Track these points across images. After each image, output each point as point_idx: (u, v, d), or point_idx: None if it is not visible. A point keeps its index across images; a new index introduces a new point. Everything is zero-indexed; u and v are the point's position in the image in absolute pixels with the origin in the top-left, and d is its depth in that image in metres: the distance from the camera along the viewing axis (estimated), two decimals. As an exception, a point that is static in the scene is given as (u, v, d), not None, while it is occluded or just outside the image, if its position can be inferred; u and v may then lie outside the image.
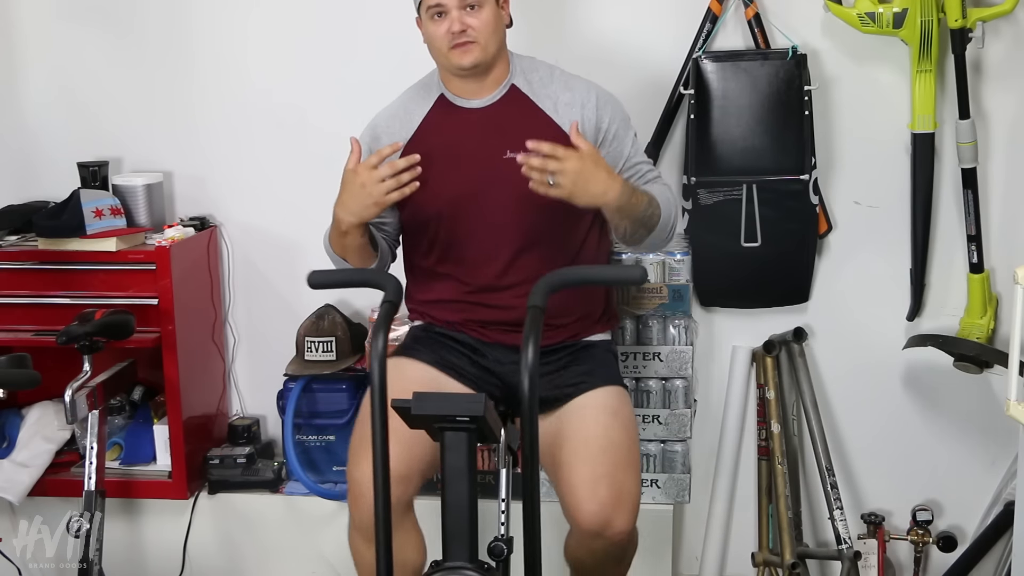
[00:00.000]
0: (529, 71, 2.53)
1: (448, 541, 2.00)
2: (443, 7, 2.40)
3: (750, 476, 3.22)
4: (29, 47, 3.34)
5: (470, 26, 2.40)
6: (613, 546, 2.37)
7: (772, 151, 3.00)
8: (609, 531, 2.32)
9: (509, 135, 2.44)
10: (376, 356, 2.00)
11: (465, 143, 2.49)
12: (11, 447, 3.20)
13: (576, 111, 2.48)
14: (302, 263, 3.22)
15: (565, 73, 2.55)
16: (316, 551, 3.18)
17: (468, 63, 2.43)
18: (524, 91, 2.51)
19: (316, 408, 3.17)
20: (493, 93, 2.50)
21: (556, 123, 2.47)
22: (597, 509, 2.30)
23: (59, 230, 3.06)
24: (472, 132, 2.50)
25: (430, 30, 2.44)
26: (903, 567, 3.20)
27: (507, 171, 2.39)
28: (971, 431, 3.15)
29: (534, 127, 2.44)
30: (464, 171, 2.47)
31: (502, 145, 2.45)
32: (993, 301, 3.04)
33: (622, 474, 2.35)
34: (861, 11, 2.88)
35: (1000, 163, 3.03)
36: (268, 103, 3.27)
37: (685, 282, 3.05)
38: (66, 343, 2.74)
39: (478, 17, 2.40)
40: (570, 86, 2.51)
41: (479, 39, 2.41)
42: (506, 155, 2.43)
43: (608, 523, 2.31)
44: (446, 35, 2.41)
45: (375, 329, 2.07)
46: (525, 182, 2.34)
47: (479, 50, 2.42)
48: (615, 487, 2.32)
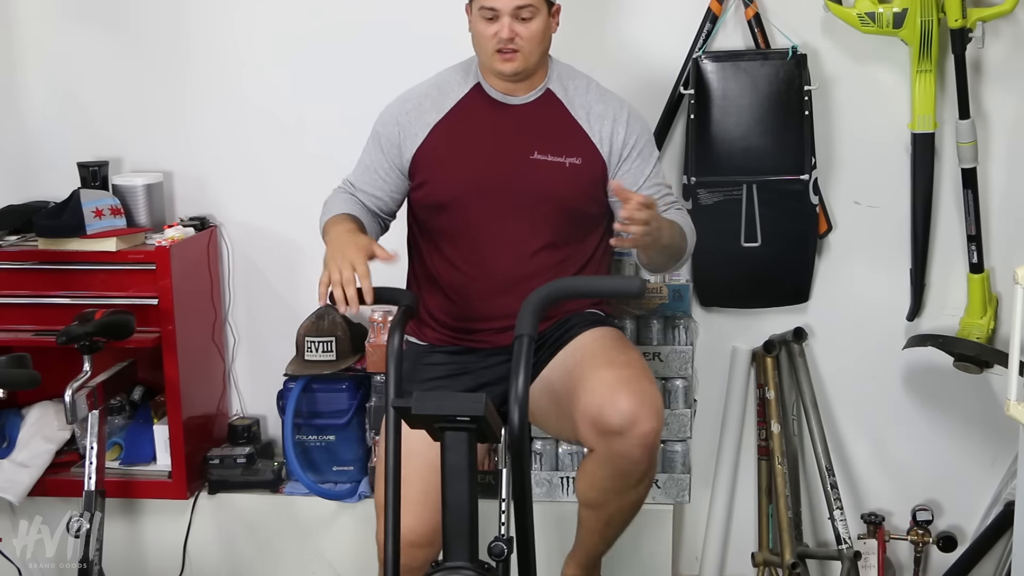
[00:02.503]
0: (566, 78, 2.55)
1: (448, 541, 2.00)
2: (497, 12, 2.40)
3: (750, 476, 3.22)
4: (29, 47, 3.33)
5: (519, 35, 2.41)
6: (638, 449, 2.28)
7: (772, 151, 3.00)
8: (636, 429, 2.25)
9: (539, 137, 2.48)
10: (392, 355, 2.02)
11: (494, 136, 2.50)
12: (11, 447, 3.20)
13: (608, 124, 2.50)
14: (302, 263, 3.23)
15: (601, 87, 2.57)
16: (316, 551, 3.18)
17: (509, 71, 2.44)
18: (559, 96, 2.52)
19: (316, 408, 3.16)
20: (529, 94, 2.52)
21: (585, 132, 2.50)
22: (624, 407, 2.25)
23: (59, 230, 3.05)
24: (503, 127, 2.51)
25: (479, 28, 2.44)
26: (903, 567, 3.20)
27: (532, 171, 2.45)
28: (971, 431, 3.15)
29: (564, 133, 2.48)
30: (490, 162, 2.49)
31: (531, 145, 2.48)
32: (993, 301, 3.04)
33: (640, 379, 2.32)
34: (861, 11, 2.88)
35: (1000, 163, 3.03)
36: (268, 103, 3.27)
37: (685, 282, 3.05)
38: (66, 343, 2.74)
39: (528, 27, 2.41)
40: (604, 99, 2.53)
41: (524, 49, 2.42)
42: (533, 155, 2.47)
43: (635, 420, 2.25)
44: (493, 38, 2.41)
45: (391, 330, 2.11)
46: (548, 185, 2.42)
47: (522, 60, 2.43)
48: (637, 388, 2.28)
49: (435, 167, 2.52)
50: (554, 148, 2.48)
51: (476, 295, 2.54)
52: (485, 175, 2.48)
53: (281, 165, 3.29)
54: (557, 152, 2.48)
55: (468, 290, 2.54)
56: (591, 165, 2.49)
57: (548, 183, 2.46)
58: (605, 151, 2.50)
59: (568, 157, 2.48)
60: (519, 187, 2.47)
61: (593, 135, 2.49)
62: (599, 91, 2.55)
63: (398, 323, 2.15)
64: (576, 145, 2.47)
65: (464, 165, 2.49)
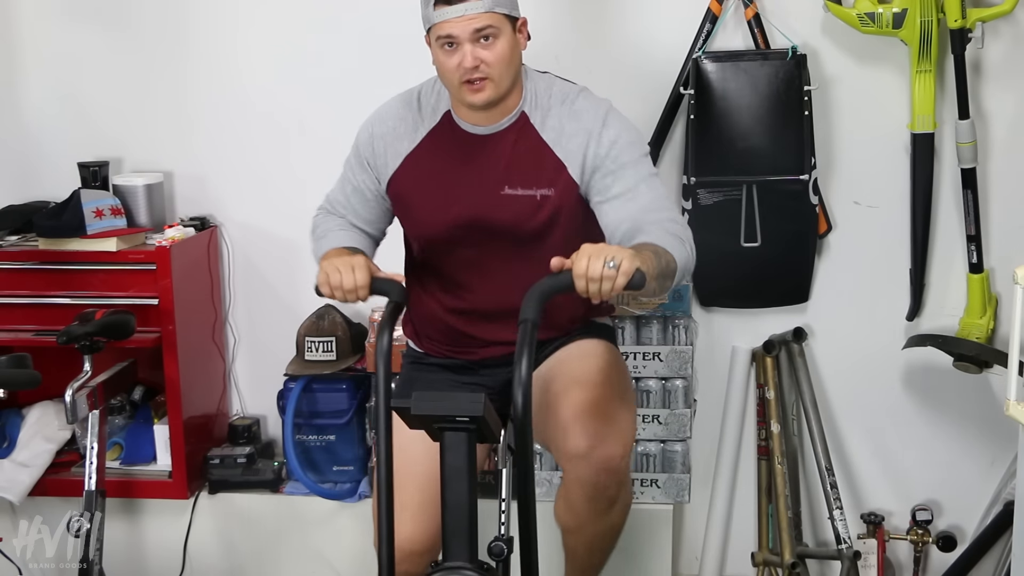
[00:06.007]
0: (543, 95, 2.36)
1: (448, 541, 2.00)
2: (454, 39, 2.21)
3: (750, 476, 3.22)
4: (29, 47, 3.34)
5: (483, 60, 2.22)
6: (603, 474, 2.24)
7: (772, 151, 3.00)
8: (597, 453, 2.22)
9: (509, 169, 2.34)
10: (382, 354, 2.01)
11: (465, 170, 2.37)
12: (11, 447, 3.20)
13: (580, 140, 2.31)
14: (302, 263, 3.22)
15: (578, 100, 2.36)
16: (316, 551, 3.18)
17: (481, 101, 2.26)
18: (533, 122, 2.34)
19: (316, 408, 3.17)
20: (502, 121, 2.34)
21: (559, 158, 2.32)
22: (582, 431, 2.22)
23: (59, 230, 3.06)
24: (474, 159, 2.37)
25: (440, 60, 2.26)
26: (903, 567, 3.20)
27: (503, 207, 2.34)
28: (971, 431, 3.15)
29: (536, 162, 2.33)
30: (461, 199, 2.37)
31: (501, 180, 2.34)
32: (993, 301, 3.04)
33: (609, 404, 2.29)
34: (861, 11, 2.88)
35: (1000, 163, 3.03)
36: (268, 103, 3.27)
37: (685, 282, 3.05)
38: (66, 343, 2.74)
39: (493, 51, 2.22)
40: (577, 116, 2.33)
41: (492, 74, 2.23)
42: (503, 191, 2.34)
43: (597, 444, 2.22)
44: (457, 70, 2.23)
45: (380, 327, 2.08)
46: (521, 219, 2.32)
47: (492, 88, 2.25)
48: (603, 412, 2.25)
49: (408, 201, 2.43)
50: (525, 180, 2.32)
51: (462, 321, 2.48)
52: (458, 212, 2.37)
53: (281, 165, 3.29)
54: (527, 184, 2.32)
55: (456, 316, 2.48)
56: (563, 192, 2.33)
57: (519, 218, 2.33)
58: (577, 173, 2.31)
59: (539, 189, 2.32)
60: (492, 223, 2.36)
61: (567, 159, 2.31)
62: (572, 110, 2.33)
63: (386, 321, 2.09)
64: (548, 175, 2.31)
65: (435, 204, 2.38)
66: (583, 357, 2.42)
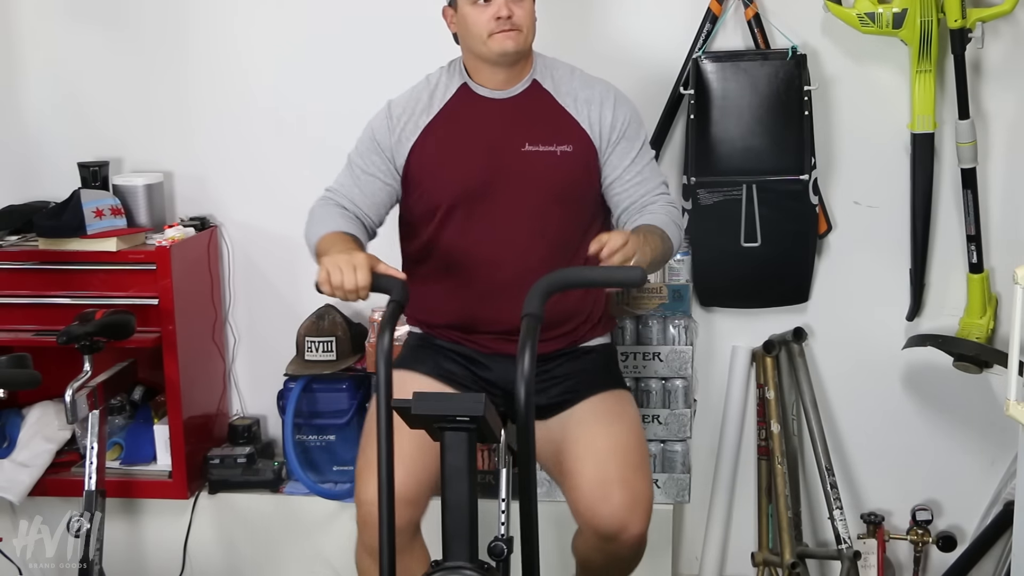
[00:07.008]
0: (551, 67, 2.55)
1: (448, 541, 2.00)
2: None
3: (750, 476, 3.22)
4: (29, 47, 3.34)
5: (515, 13, 2.41)
6: (627, 548, 2.36)
7: (772, 151, 3.00)
8: (624, 535, 2.32)
9: (529, 128, 2.47)
10: (382, 354, 2.01)
11: (485, 132, 2.49)
12: (11, 447, 3.20)
13: (595, 108, 2.50)
14: (302, 263, 3.20)
15: (585, 73, 2.57)
16: (316, 551, 3.18)
17: (512, 48, 2.42)
18: (546, 87, 2.51)
19: (316, 408, 3.17)
20: (516, 86, 2.51)
21: (574, 118, 2.50)
22: (612, 512, 2.30)
23: (59, 230, 3.06)
24: (492, 122, 2.50)
25: (471, 16, 2.43)
26: (903, 567, 3.20)
27: (525, 163, 2.44)
28: (971, 431, 3.16)
29: (553, 121, 2.48)
30: (482, 160, 2.47)
31: (521, 137, 2.47)
32: (993, 301, 3.04)
33: (634, 476, 2.35)
34: (861, 11, 2.88)
35: (1000, 163, 3.03)
36: (268, 103, 3.27)
37: (685, 282, 3.05)
38: (66, 343, 2.74)
39: (522, 7, 2.42)
40: (590, 84, 2.54)
41: (522, 27, 2.42)
42: (524, 147, 2.46)
43: (624, 527, 2.31)
44: (490, 20, 2.40)
45: (380, 327, 2.07)
46: (542, 176, 2.43)
47: (521, 38, 2.43)
48: (629, 490, 2.32)
49: (429, 169, 2.50)
50: (545, 137, 2.47)
51: (475, 299, 2.50)
52: (479, 173, 2.47)
53: (282, 165, 3.29)
54: (548, 141, 2.47)
55: (467, 293, 2.51)
56: (582, 151, 2.48)
57: (542, 173, 2.45)
58: (595, 136, 2.49)
59: (559, 145, 2.47)
60: (514, 180, 2.46)
61: (582, 121, 2.49)
62: (584, 77, 2.55)
63: (387, 321, 2.10)
64: (566, 133, 2.47)
65: (455, 167, 2.47)
66: (607, 423, 2.44)
